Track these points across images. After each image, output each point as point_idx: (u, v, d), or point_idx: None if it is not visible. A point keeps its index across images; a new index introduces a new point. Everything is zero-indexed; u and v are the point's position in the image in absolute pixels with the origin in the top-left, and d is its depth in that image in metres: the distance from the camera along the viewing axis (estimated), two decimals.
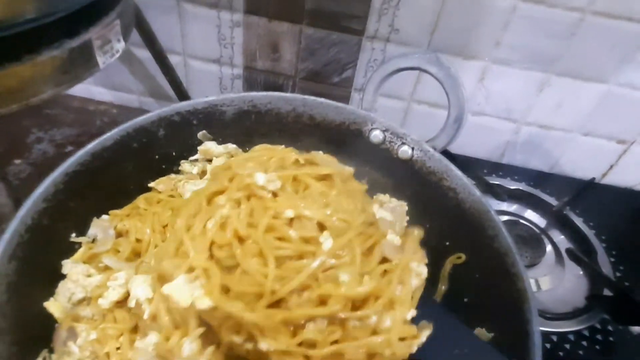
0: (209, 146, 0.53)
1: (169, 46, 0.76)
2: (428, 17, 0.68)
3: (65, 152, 0.77)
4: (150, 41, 0.65)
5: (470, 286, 0.46)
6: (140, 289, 0.32)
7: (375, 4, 0.68)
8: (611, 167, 0.83)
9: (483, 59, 0.72)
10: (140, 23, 0.61)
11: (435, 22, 0.68)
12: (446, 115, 0.54)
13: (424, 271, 0.39)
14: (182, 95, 0.75)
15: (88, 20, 0.43)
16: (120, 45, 0.49)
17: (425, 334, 0.34)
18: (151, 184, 0.51)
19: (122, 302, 0.35)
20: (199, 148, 0.54)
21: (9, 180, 0.71)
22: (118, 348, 0.33)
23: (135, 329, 0.34)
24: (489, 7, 0.65)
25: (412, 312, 0.34)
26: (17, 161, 0.74)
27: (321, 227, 0.35)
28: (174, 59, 0.76)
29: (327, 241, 0.34)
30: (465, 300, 0.46)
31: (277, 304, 0.31)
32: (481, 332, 0.42)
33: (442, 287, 0.48)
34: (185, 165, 0.54)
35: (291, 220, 0.34)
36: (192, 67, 0.81)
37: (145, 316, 0.32)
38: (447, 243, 0.50)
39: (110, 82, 0.86)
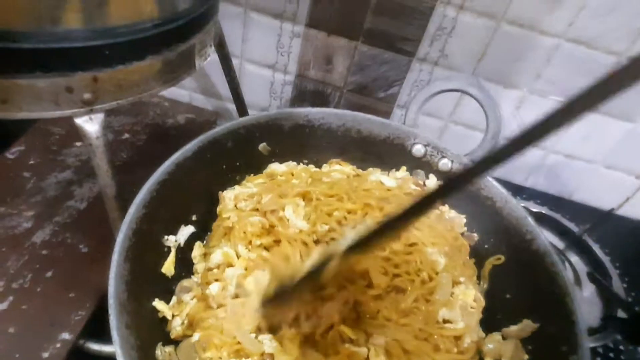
0: (274, 167, 0.59)
1: (230, 49, 0.81)
2: (477, 46, 0.73)
3: (122, 139, 0.82)
4: (220, 45, 0.69)
5: (512, 284, 0.51)
6: None
7: (430, 30, 0.73)
8: (627, 199, 0.89)
9: (522, 89, 0.77)
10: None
11: (483, 52, 0.74)
12: (480, 136, 0.60)
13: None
14: (238, 97, 0.79)
15: (195, 28, 0.48)
16: (211, 50, 0.54)
17: None
18: (223, 193, 0.55)
19: None
20: (265, 171, 0.59)
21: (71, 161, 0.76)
22: None
23: None
24: (535, 43, 0.71)
25: None
26: (78, 143, 0.78)
27: None
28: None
29: None
30: (508, 296, 0.51)
31: None
32: (527, 323, 0.47)
33: (484, 285, 0.53)
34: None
35: None
36: (246, 70, 0.86)
37: None
38: (487, 246, 0.55)
39: None
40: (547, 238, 0.50)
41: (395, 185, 0.57)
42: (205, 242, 0.52)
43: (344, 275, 0.45)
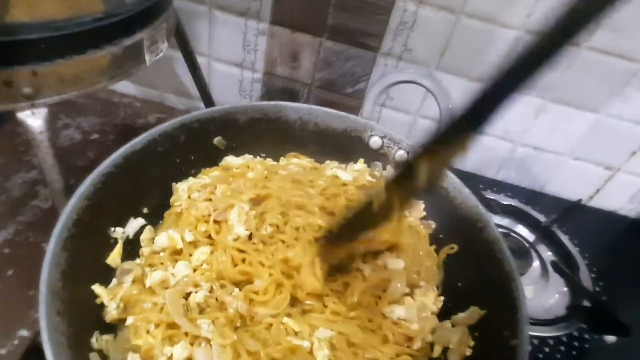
0: (229, 160, 0.59)
1: (196, 48, 0.81)
2: (439, 40, 0.74)
3: (90, 139, 0.82)
4: (183, 43, 0.70)
5: (463, 272, 0.52)
6: None
7: (392, 25, 0.74)
8: (597, 190, 0.89)
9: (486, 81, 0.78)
10: (177, 26, 0.66)
11: (445, 46, 0.74)
12: None
13: None
14: (206, 95, 0.80)
15: (141, 22, 0.49)
16: (164, 46, 0.55)
17: None
18: (176, 185, 0.55)
19: None
20: (220, 164, 0.59)
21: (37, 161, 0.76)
22: None
23: None
24: (494, 36, 0.72)
25: None
26: None
27: None
28: (199, 60, 0.81)
29: None
30: (459, 284, 0.52)
31: None
32: (475, 310, 0.47)
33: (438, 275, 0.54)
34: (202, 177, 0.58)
35: None
36: (215, 69, 0.86)
37: None
38: (441, 236, 0.55)
39: (135, 77, 0.90)
40: (496, 226, 0.50)
41: (352, 178, 0.57)
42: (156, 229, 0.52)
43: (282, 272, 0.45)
